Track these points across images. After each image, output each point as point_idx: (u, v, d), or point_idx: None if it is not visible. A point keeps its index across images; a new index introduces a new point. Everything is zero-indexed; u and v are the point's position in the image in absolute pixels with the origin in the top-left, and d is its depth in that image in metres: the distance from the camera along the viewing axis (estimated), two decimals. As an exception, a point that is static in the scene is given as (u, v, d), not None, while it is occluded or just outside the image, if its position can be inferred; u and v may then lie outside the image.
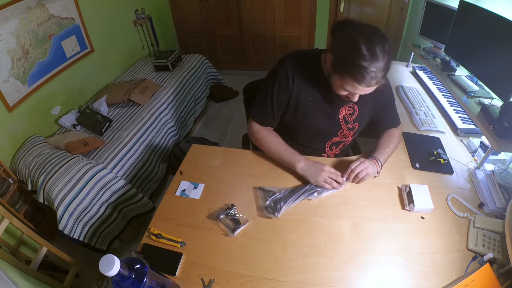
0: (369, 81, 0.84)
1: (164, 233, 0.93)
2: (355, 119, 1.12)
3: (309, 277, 0.81)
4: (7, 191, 1.65)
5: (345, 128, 1.14)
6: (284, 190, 1.04)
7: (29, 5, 1.85)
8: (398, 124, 1.22)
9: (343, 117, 1.11)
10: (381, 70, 0.83)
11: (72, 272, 1.45)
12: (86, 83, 2.42)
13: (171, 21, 3.45)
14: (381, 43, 0.82)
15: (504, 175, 1.02)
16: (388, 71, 0.86)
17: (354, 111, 1.11)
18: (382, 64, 0.82)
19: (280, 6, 3.08)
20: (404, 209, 0.98)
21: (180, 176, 1.13)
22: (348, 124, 1.13)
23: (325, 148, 1.21)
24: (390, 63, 0.85)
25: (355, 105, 1.10)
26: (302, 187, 1.04)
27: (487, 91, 1.37)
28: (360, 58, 0.81)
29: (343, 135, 1.16)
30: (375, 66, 0.81)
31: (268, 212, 0.97)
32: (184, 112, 2.54)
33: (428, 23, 1.83)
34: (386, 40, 0.84)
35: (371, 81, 0.84)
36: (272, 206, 0.98)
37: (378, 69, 0.82)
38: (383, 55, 0.81)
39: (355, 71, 0.83)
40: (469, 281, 0.76)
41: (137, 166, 1.92)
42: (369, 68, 0.81)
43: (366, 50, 0.81)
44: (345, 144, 1.22)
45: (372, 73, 0.82)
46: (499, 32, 1.21)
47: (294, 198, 1.00)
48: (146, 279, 0.61)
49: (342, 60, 0.88)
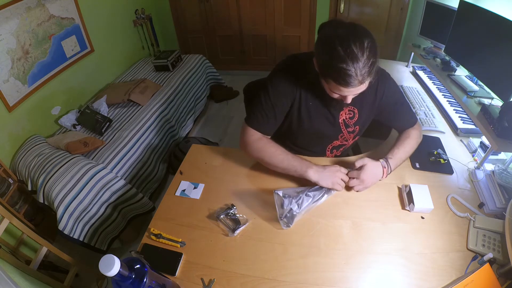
0: (351, 82, 0.81)
1: (164, 233, 0.93)
2: (355, 122, 1.11)
3: (309, 277, 0.81)
4: (7, 191, 1.65)
5: (345, 131, 1.13)
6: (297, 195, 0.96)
7: (29, 5, 1.85)
8: (414, 124, 1.14)
9: (343, 120, 1.10)
10: (362, 68, 0.79)
11: (72, 272, 1.45)
12: (86, 83, 2.42)
13: (171, 21, 3.45)
14: (359, 40, 0.78)
15: (504, 175, 1.02)
16: (374, 67, 0.81)
17: (354, 114, 1.10)
18: (362, 62, 0.78)
19: (280, 6, 3.08)
20: (404, 209, 0.98)
21: (180, 176, 1.13)
22: (348, 127, 1.12)
23: (325, 151, 1.20)
24: (375, 59, 0.80)
25: (355, 108, 1.08)
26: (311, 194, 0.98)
27: (487, 91, 1.37)
28: (338, 60, 0.78)
29: (343, 138, 1.15)
30: (354, 66, 0.78)
31: (285, 226, 0.93)
32: (184, 112, 2.54)
33: (428, 23, 1.83)
34: (365, 36, 0.80)
35: (353, 81, 0.81)
36: (288, 216, 0.93)
37: (358, 68, 0.79)
38: (362, 52, 0.78)
39: (335, 74, 0.81)
40: (469, 281, 0.76)
41: (137, 166, 1.92)
42: (349, 70, 0.78)
43: (343, 51, 0.78)
44: (345, 147, 1.22)
45: (353, 74, 0.79)
46: (499, 32, 1.21)
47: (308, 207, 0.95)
48: (146, 279, 0.61)
49: (322, 64, 0.86)
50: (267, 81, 1.05)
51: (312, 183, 1.00)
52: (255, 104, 1.06)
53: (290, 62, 1.05)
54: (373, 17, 2.93)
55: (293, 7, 3.06)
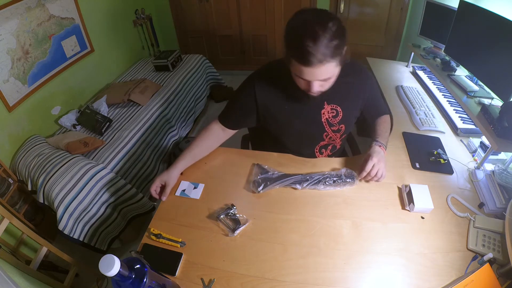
0: (311, 60, 0.81)
1: (164, 233, 0.93)
2: (340, 121, 1.11)
3: (309, 277, 0.81)
4: (7, 191, 1.65)
5: (330, 130, 1.13)
6: (278, 173, 1.09)
7: (29, 5, 1.85)
8: (388, 113, 1.26)
9: (326, 120, 1.10)
10: (323, 48, 0.79)
11: (72, 272, 1.45)
12: (86, 83, 2.42)
13: (171, 21, 3.45)
14: (323, 21, 0.80)
15: (504, 175, 1.02)
16: (338, 50, 0.82)
17: (337, 113, 1.10)
18: (324, 41, 0.78)
19: (280, 6, 3.08)
20: (404, 209, 0.98)
21: (180, 176, 1.13)
22: (332, 126, 1.12)
23: (314, 152, 1.21)
24: (340, 41, 0.81)
25: (337, 106, 1.09)
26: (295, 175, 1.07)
27: (487, 91, 1.37)
28: (300, 38, 0.80)
29: (329, 138, 1.16)
30: (316, 44, 0.78)
31: (253, 186, 1.04)
32: (184, 112, 2.55)
33: (428, 23, 1.83)
34: (331, 19, 0.81)
35: (313, 60, 0.81)
36: (259, 181, 1.04)
37: (319, 46, 0.79)
38: (323, 32, 0.78)
39: (297, 52, 0.83)
40: (469, 281, 0.76)
41: (137, 166, 1.92)
42: (309, 46, 0.79)
43: (303, 29, 0.81)
44: (334, 145, 1.21)
45: (312, 51, 0.79)
46: (499, 32, 1.21)
47: (282, 181, 1.05)
48: (146, 279, 0.61)
49: (286, 46, 0.88)
50: (242, 84, 1.13)
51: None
52: (228, 102, 1.18)
53: (265, 70, 1.10)
54: (373, 17, 2.93)
55: (293, 7, 3.06)
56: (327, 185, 1.04)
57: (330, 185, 1.04)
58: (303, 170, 1.11)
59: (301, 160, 1.17)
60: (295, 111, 1.08)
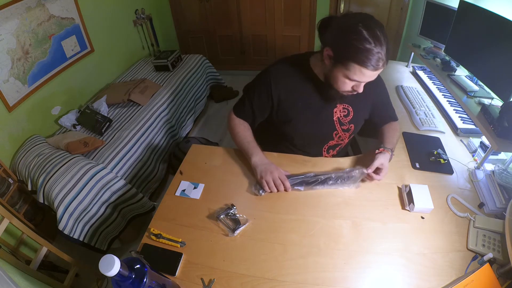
0: (376, 63, 0.84)
1: (164, 233, 0.93)
2: (350, 120, 1.13)
3: (309, 277, 0.81)
4: (7, 191, 1.65)
5: (340, 130, 1.14)
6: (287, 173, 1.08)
7: (29, 5, 1.85)
8: (397, 119, 1.25)
9: (338, 118, 1.11)
10: (385, 53, 0.84)
11: (72, 272, 1.45)
12: (86, 83, 2.42)
13: (171, 21, 3.45)
14: (379, 27, 0.84)
15: (504, 175, 1.02)
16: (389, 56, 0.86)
17: (348, 112, 1.11)
18: (385, 46, 0.83)
19: (280, 6, 3.08)
20: (404, 209, 0.98)
21: (180, 176, 1.13)
22: (342, 125, 1.13)
23: (322, 151, 1.21)
24: (390, 49, 0.86)
25: (349, 106, 1.10)
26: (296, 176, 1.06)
27: (487, 91, 1.37)
28: (364, 41, 0.82)
29: (338, 137, 1.16)
30: (379, 48, 0.82)
31: (255, 189, 1.04)
32: (184, 112, 2.55)
33: (428, 23, 1.83)
34: (382, 25, 0.85)
35: (378, 63, 0.84)
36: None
37: (382, 51, 0.83)
38: (383, 37, 0.83)
39: (360, 55, 0.84)
40: (469, 281, 0.76)
41: (137, 166, 1.92)
42: (375, 49, 0.82)
43: (367, 33, 0.82)
44: (341, 146, 1.22)
45: (378, 54, 0.83)
46: (499, 32, 1.21)
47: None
48: (146, 279, 0.61)
49: (345, 48, 0.87)
50: (256, 78, 1.13)
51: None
52: (242, 96, 1.19)
53: (280, 65, 1.10)
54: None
55: (293, 7, 3.06)
56: (331, 185, 1.04)
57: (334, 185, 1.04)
58: (303, 170, 1.11)
59: (301, 160, 1.17)
60: (309, 109, 1.09)
